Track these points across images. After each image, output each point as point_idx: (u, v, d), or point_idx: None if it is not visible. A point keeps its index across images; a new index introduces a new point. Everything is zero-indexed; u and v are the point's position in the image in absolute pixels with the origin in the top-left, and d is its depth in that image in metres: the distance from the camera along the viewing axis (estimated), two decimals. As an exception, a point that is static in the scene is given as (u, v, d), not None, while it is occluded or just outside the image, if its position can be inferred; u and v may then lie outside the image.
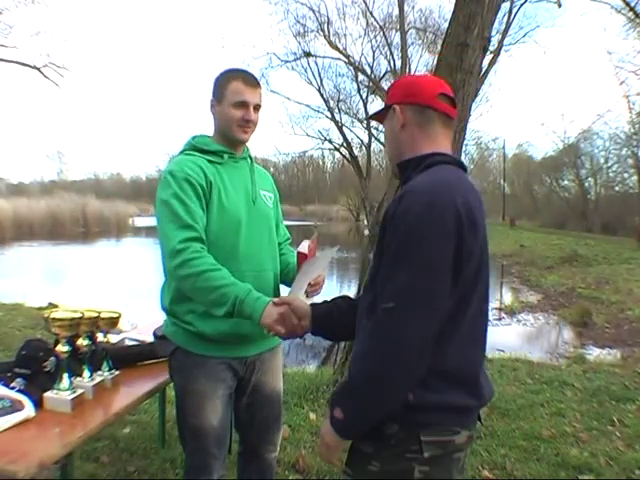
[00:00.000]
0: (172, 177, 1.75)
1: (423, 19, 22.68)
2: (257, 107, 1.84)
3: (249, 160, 1.96)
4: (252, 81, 1.83)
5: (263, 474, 2.07)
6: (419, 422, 1.19)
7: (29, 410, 1.71)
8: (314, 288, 1.90)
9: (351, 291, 12.73)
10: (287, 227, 2.20)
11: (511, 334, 7.84)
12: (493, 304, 10.41)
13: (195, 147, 1.85)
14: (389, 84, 25.76)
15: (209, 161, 1.82)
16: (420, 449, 1.19)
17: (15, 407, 1.68)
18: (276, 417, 2.04)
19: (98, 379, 2.01)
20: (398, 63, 22.80)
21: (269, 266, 1.90)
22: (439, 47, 4.85)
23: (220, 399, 1.83)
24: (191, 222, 1.69)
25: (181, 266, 1.66)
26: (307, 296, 1.88)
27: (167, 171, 1.80)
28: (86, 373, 1.98)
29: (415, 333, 1.13)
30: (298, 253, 1.96)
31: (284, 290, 2.01)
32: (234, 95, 1.80)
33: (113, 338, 2.41)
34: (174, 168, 1.78)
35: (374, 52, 24.02)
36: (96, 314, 2.03)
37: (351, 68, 24.05)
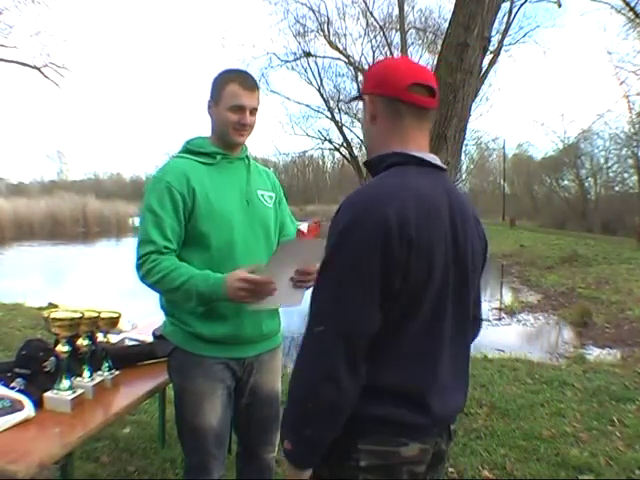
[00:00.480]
0: (154, 183, 1.80)
1: (423, 19, 22.65)
2: (254, 110, 1.83)
3: (246, 160, 1.94)
4: (250, 84, 1.82)
5: (262, 474, 2.06)
6: (357, 431, 1.14)
7: (29, 410, 1.71)
8: (304, 278, 1.75)
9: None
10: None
11: (511, 334, 7.84)
12: (493, 304, 10.42)
13: (188, 149, 1.87)
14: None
15: (201, 163, 1.83)
16: (358, 457, 1.14)
17: (15, 407, 1.69)
18: (274, 418, 2.03)
19: (98, 379, 2.01)
20: (398, 63, 22.76)
21: None
22: (439, 47, 4.86)
23: (219, 398, 1.83)
24: (154, 237, 1.73)
25: (144, 278, 1.75)
26: (294, 286, 1.74)
27: (154, 174, 1.87)
28: (86, 373, 1.98)
29: (335, 356, 1.07)
30: (297, 231, 1.92)
31: None
32: (231, 98, 1.79)
33: (113, 338, 2.41)
34: (159, 174, 1.82)
35: (374, 52, 23.97)
36: (96, 314, 2.03)
37: (351, 68, 24.02)
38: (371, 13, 22.54)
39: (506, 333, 7.87)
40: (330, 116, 25.12)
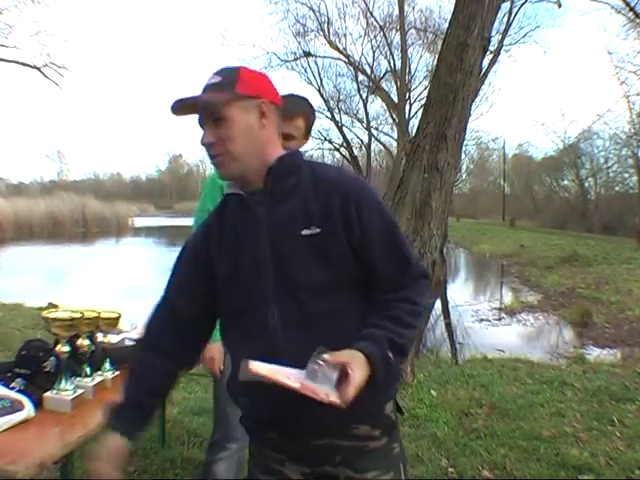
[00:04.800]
0: (209, 183, 2.08)
1: (423, 19, 22.63)
2: (287, 137, 1.90)
3: None
4: (287, 111, 1.93)
5: None
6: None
7: (29, 410, 1.71)
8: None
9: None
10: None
11: (511, 334, 7.84)
12: (493, 304, 10.43)
13: None
14: (389, 84, 25.25)
15: None
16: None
17: (15, 407, 1.68)
18: None
19: (98, 379, 2.01)
20: (398, 63, 22.79)
21: None
22: (439, 47, 4.86)
23: None
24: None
25: None
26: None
27: (210, 174, 2.17)
28: (86, 373, 1.98)
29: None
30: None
31: None
32: None
33: (113, 338, 2.41)
34: (214, 174, 2.04)
35: (374, 52, 23.99)
36: (96, 314, 2.03)
37: (351, 68, 24.03)
38: (371, 13, 22.56)
39: (506, 333, 7.87)
40: (330, 116, 25.13)
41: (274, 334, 1.18)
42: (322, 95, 24.73)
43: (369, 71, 23.97)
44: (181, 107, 1.22)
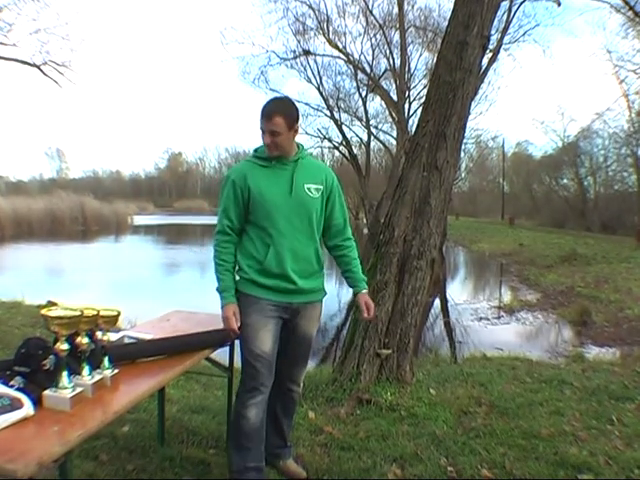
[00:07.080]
0: (226, 179, 2.49)
1: (423, 18, 22.61)
2: (272, 133, 2.36)
3: (299, 161, 2.49)
4: (266, 114, 2.37)
5: (286, 405, 2.67)
6: None
7: (28, 408, 1.70)
8: None
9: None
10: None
11: (510, 333, 7.85)
12: (492, 302, 10.44)
13: (254, 155, 2.51)
14: (389, 82, 25.32)
15: (261, 165, 2.45)
16: None
17: (14, 405, 1.68)
18: (303, 356, 2.62)
19: (97, 377, 2.00)
20: (398, 62, 22.78)
21: (308, 243, 2.48)
22: (439, 46, 4.85)
23: (270, 332, 2.42)
24: (221, 219, 2.47)
25: (213, 246, 2.49)
26: None
27: (228, 172, 2.55)
28: (85, 371, 1.98)
29: None
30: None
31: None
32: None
33: (112, 336, 2.41)
34: (230, 172, 2.52)
35: (374, 50, 23.98)
36: (95, 312, 2.03)
37: (351, 66, 24.00)
38: (371, 11, 22.53)
39: (505, 332, 7.88)
40: (329, 114, 25.12)
41: None
42: (321, 93, 24.72)
43: (369, 69, 23.95)
44: None
